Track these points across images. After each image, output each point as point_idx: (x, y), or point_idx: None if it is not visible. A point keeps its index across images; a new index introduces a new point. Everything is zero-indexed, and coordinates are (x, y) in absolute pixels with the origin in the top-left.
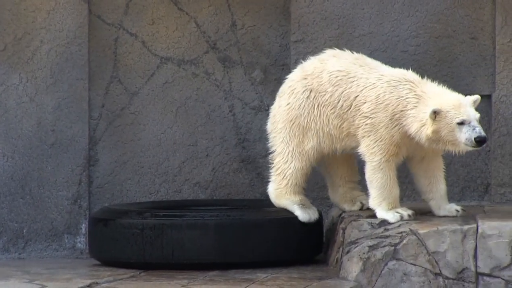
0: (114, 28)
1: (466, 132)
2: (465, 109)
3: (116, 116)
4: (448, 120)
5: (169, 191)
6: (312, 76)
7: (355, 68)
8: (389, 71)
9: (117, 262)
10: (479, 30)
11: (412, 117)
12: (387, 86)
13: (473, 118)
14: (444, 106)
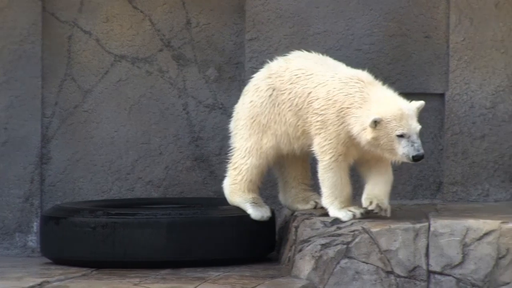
0: (68, 25)
1: (405, 147)
2: (406, 121)
3: (69, 114)
4: (389, 130)
5: (121, 189)
6: (276, 75)
7: (315, 67)
8: (344, 70)
9: (69, 260)
10: (433, 29)
11: (355, 118)
12: (338, 82)
13: (414, 132)
14: (386, 116)
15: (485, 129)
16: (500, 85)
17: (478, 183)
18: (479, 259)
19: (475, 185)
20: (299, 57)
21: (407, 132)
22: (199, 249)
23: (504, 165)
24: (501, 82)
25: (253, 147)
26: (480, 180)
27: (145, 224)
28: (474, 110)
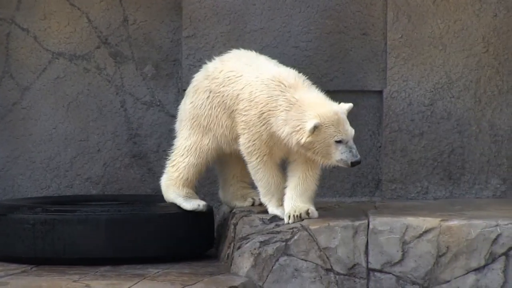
0: (6, 23)
1: (343, 153)
2: (343, 126)
3: (7, 111)
4: (327, 136)
5: (60, 186)
6: (211, 76)
7: (245, 68)
8: (269, 71)
9: (9, 257)
10: (370, 26)
11: (282, 120)
12: (260, 84)
13: (350, 137)
14: (324, 121)
15: (424, 127)
16: (439, 82)
17: (417, 181)
18: (419, 257)
19: (414, 183)
20: (233, 57)
21: (345, 138)
22: (138, 246)
23: (443, 162)
24: (440, 79)
25: (192, 146)
26: (419, 177)
27: (84, 221)
28: (412, 108)
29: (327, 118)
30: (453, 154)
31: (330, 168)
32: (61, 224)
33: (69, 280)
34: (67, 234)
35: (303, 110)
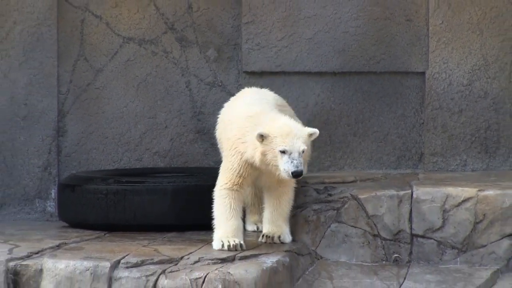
0: (80, 10)
1: (285, 163)
2: (291, 139)
3: (82, 91)
4: (273, 145)
5: (131, 159)
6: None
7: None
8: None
9: (84, 224)
10: (414, 13)
11: (248, 143)
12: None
13: (296, 151)
14: (272, 132)
15: (463, 105)
16: (476, 64)
17: (456, 154)
18: (458, 224)
19: (453, 156)
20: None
21: (289, 149)
22: (202, 214)
23: (480, 137)
24: (477, 62)
25: None
26: (458, 151)
27: (152, 191)
28: (452, 87)
29: (277, 129)
30: (489, 130)
31: (378, 142)
32: (131, 194)
33: (138, 245)
34: (137, 203)
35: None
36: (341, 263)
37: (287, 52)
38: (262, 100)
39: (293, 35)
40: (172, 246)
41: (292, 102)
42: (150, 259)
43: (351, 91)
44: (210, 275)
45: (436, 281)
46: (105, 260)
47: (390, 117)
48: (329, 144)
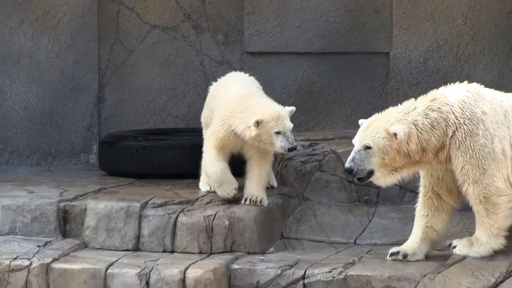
0: (116, 3)
1: (281, 141)
2: (282, 121)
3: (117, 67)
4: (268, 129)
5: (156, 121)
6: None
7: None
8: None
9: (119, 173)
10: (380, 6)
11: (239, 119)
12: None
13: (287, 129)
14: (266, 117)
15: (419, 78)
16: (430, 46)
17: None
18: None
19: None
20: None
21: (282, 130)
22: None
23: None
24: (431, 44)
25: None
26: None
27: (173, 146)
28: (411, 65)
29: (268, 115)
30: None
31: (352, 107)
32: (157, 149)
33: (162, 190)
34: (161, 156)
35: (254, 111)
36: (323, 204)
37: (280, 37)
38: (250, 84)
39: (284, 23)
40: (189, 190)
41: (284, 76)
42: (171, 201)
43: (330, 67)
44: (219, 213)
45: (398, 218)
46: (136, 201)
47: (361, 88)
48: (313, 109)
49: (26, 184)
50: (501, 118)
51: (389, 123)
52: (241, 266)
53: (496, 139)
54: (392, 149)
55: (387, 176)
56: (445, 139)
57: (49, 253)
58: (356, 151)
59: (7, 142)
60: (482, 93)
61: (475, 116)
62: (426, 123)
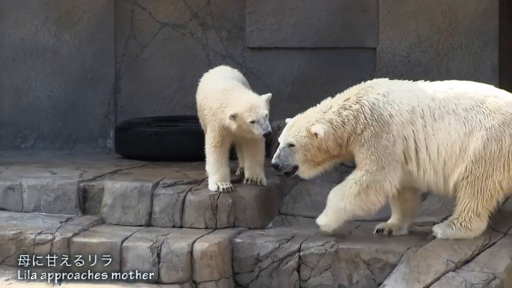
0: (130, 3)
1: (257, 129)
2: (255, 110)
3: (132, 60)
4: (244, 120)
5: (167, 109)
6: None
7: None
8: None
9: (133, 156)
10: (368, 5)
11: (225, 114)
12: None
13: (261, 117)
14: (240, 110)
15: (403, 71)
16: (412, 41)
17: None
18: None
19: None
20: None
21: (256, 119)
22: None
23: None
24: (413, 40)
25: None
26: None
27: (182, 132)
28: (395, 58)
29: (241, 107)
30: None
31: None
32: (168, 134)
33: (172, 171)
34: (171, 141)
35: (233, 105)
36: (316, 184)
37: (278, 33)
38: (232, 78)
39: (282, 21)
40: (196, 171)
41: (281, 68)
42: (180, 181)
43: (323, 61)
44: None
45: None
46: (148, 181)
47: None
48: (307, 98)
49: (49, 166)
50: (407, 116)
51: (310, 123)
52: (243, 240)
53: (399, 140)
54: (313, 147)
55: (310, 170)
56: (352, 135)
57: (70, 228)
58: (281, 149)
59: (32, 128)
60: (391, 96)
61: (381, 119)
62: (340, 121)
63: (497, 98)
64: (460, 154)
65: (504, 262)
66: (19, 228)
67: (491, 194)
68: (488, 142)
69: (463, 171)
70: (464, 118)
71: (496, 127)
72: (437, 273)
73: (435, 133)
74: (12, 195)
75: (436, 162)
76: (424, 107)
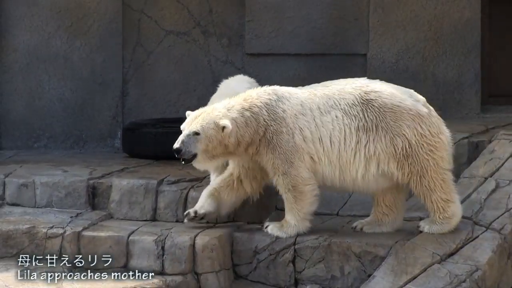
0: (138, 12)
1: None
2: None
3: (139, 66)
4: None
5: (171, 111)
6: None
7: None
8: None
9: (140, 155)
10: (359, 14)
11: None
12: None
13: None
14: None
15: (391, 76)
16: (401, 49)
17: None
18: None
19: None
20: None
21: None
22: None
23: None
24: (401, 47)
25: None
26: None
27: None
28: (384, 64)
29: None
30: None
31: None
32: (172, 135)
33: (176, 169)
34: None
35: None
36: None
37: (276, 41)
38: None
39: (279, 29)
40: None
41: (279, 73)
42: (183, 178)
43: (317, 66)
44: None
45: None
46: (154, 179)
47: None
48: None
49: (61, 165)
50: (298, 109)
51: (218, 116)
52: (242, 234)
53: (296, 131)
54: (216, 139)
55: (206, 161)
56: (256, 137)
57: (80, 222)
58: (185, 135)
59: (45, 129)
60: (280, 93)
61: (277, 116)
62: (243, 120)
63: (377, 93)
64: (358, 149)
65: (486, 254)
66: (32, 222)
67: (441, 179)
68: (393, 140)
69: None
70: (349, 113)
71: (392, 124)
72: (423, 265)
73: (324, 125)
74: (26, 192)
75: (331, 153)
76: (310, 102)
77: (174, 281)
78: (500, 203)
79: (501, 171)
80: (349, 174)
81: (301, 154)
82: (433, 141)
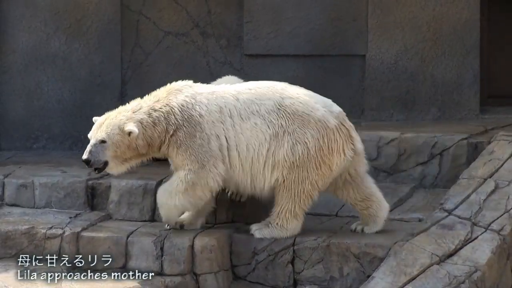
0: (136, 13)
1: None
2: None
3: (137, 67)
4: None
5: None
6: None
7: None
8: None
9: None
10: (358, 15)
11: None
12: None
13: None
14: None
15: (390, 77)
16: (399, 49)
17: (386, 110)
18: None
19: (384, 111)
20: None
21: None
22: None
23: (402, 98)
24: (400, 48)
25: None
26: (388, 107)
27: None
28: (383, 65)
29: None
30: (408, 93)
31: (333, 101)
32: None
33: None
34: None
35: None
36: None
37: (274, 42)
38: None
39: (278, 30)
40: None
41: (277, 74)
42: None
43: (316, 67)
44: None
45: None
46: (152, 179)
47: (341, 85)
48: None
49: (60, 165)
50: (216, 116)
51: (122, 121)
52: (241, 235)
53: (212, 137)
54: (124, 144)
55: (119, 166)
56: (166, 136)
57: (79, 223)
58: (92, 145)
59: (44, 130)
60: (199, 97)
61: (192, 119)
62: (150, 121)
63: (292, 99)
64: (268, 156)
65: (485, 255)
66: (31, 223)
67: (309, 195)
68: (294, 146)
69: (280, 177)
70: (268, 120)
71: (298, 131)
72: (422, 266)
73: (243, 132)
74: (25, 192)
75: (244, 161)
76: (231, 107)
77: (173, 281)
78: (499, 204)
79: (501, 172)
80: (258, 182)
81: (216, 161)
82: (326, 158)
